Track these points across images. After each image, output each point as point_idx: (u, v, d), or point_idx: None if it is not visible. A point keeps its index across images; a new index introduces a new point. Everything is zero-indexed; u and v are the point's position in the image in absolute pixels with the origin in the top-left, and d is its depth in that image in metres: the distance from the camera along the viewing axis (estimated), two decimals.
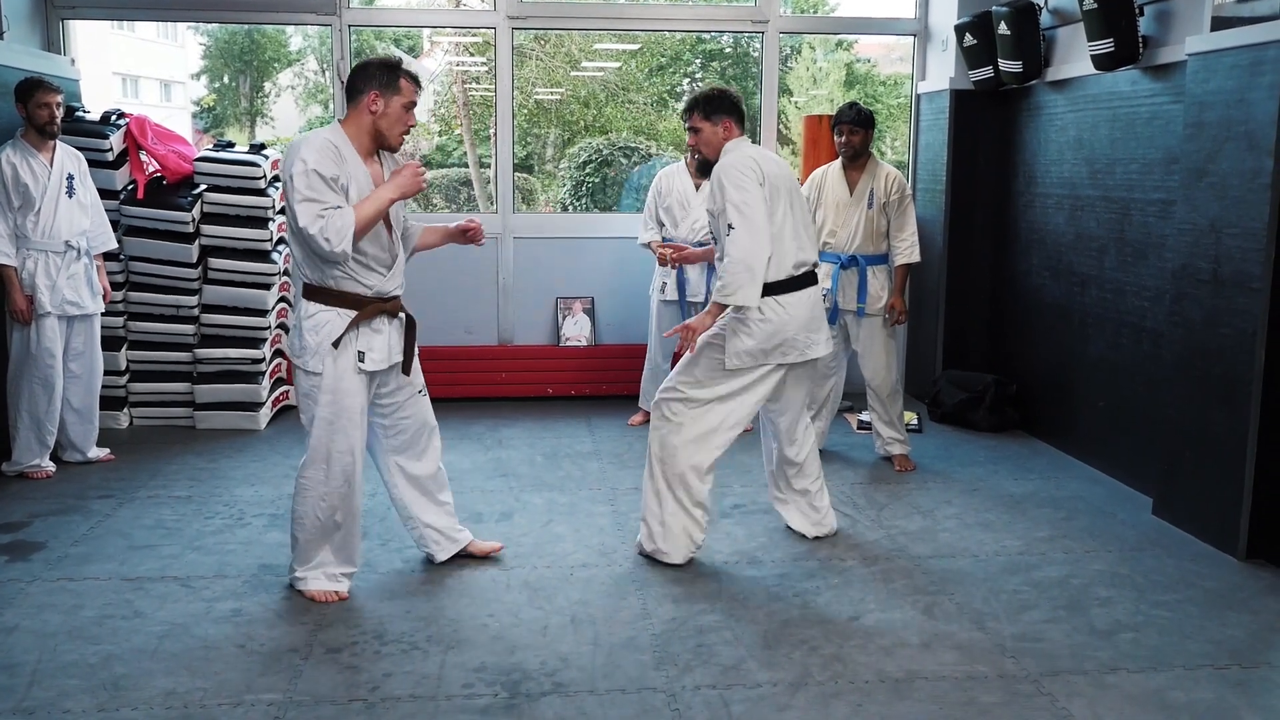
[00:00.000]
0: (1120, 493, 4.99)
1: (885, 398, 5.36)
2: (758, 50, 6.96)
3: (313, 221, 3.34)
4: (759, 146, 4.13)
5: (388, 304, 3.64)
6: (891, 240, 5.32)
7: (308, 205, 3.35)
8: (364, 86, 3.51)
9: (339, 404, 3.56)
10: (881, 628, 3.53)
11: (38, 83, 4.97)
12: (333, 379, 3.53)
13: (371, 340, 3.60)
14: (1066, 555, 4.20)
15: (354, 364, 3.55)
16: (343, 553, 3.72)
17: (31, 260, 4.96)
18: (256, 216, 6.07)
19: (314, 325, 3.53)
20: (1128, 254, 5.09)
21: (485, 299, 6.82)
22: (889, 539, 4.36)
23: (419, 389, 3.87)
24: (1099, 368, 5.34)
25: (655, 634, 3.46)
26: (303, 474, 3.63)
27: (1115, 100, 5.17)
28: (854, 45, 18.90)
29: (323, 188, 3.37)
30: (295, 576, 3.73)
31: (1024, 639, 3.46)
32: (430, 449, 3.95)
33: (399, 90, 3.52)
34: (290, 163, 3.39)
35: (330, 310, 3.54)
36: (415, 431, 3.89)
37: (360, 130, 3.53)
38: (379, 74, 3.50)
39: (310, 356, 3.54)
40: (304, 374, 3.58)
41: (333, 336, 3.51)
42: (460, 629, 3.49)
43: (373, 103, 3.50)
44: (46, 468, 5.07)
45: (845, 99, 17.53)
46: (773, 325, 3.94)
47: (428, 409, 3.93)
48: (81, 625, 3.48)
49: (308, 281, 3.56)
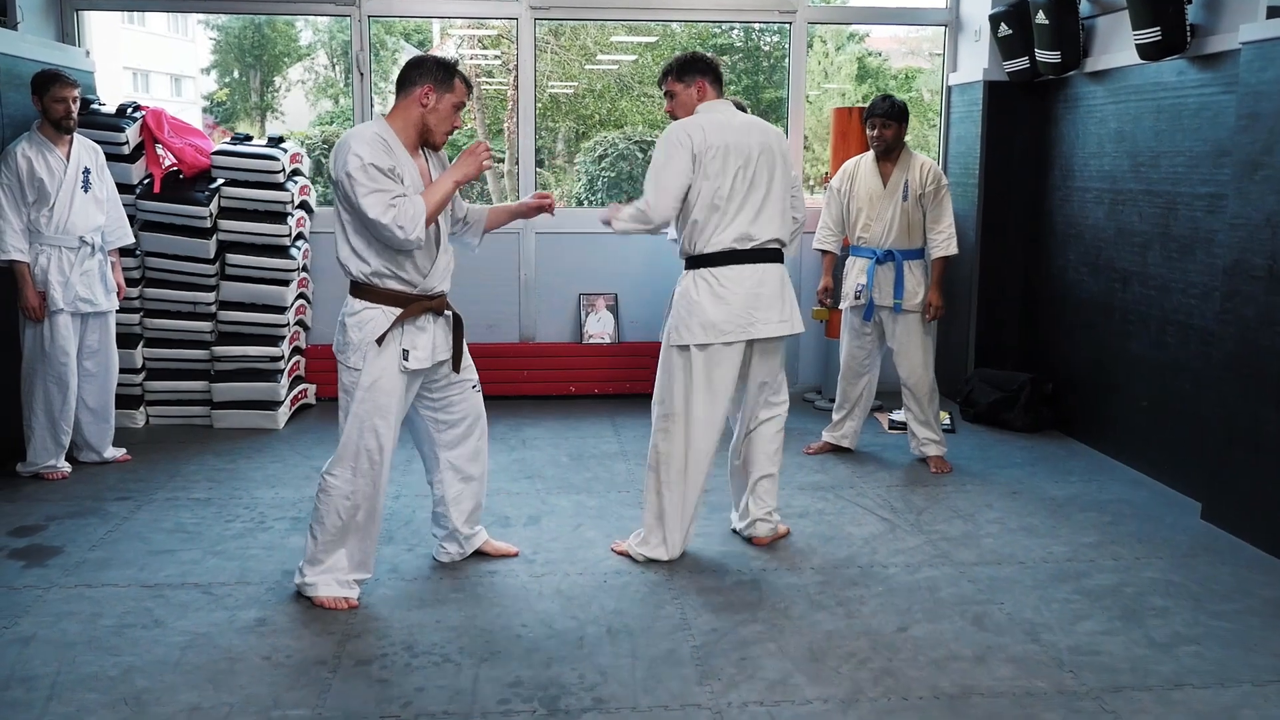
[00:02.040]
0: (1166, 496, 4.84)
1: (922, 397, 5.22)
2: (769, 45, 6.81)
3: (384, 211, 3.29)
4: (740, 113, 3.98)
5: (433, 301, 3.58)
6: (928, 233, 5.17)
7: (376, 196, 3.30)
8: (419, 79, 3.46)
9: (375, 402, 3.47)
10: (932, 639, 3.38)
11: (54, 76, 4.84)
12: (372, 376, 3.46)
13: (416, 339, 3.53)
14: (1116, 562, 4.05)
15: (397, 362, 3.47)
16: (358, 558, 3.60)
17: (45, 256, 4.84)
18: (275, 211, 5.94)
19: (358, 322, 3.47)
20: (1173, 250, 4.93)
21: (507, 295, 6.68)
22: (930, 544, 4.22)
23: (473, 384, 3.81)
24: (1141, 366, 5.18)
25: (696, 645, 3.33)
26: (330, 471, 3.52)
27: (1160, 91, 5.01)
28: (865, 39, 18.75)
29: (383, 179, 3.32)
30: (304, 581, 3.60)
31: (1081, 652, 3.31)
32: (482, 445, 3.90)
33: (453, 89, 3.49)
34: (343, 160, 3.33)
35: (375, 308, 3.47)
36: (468, 425, 3.83)
37: (408, 124, 3.49)
38: (435, 70, 3.47)
39: (352, 353, 3.47)
40: (345, 369, 3.51)
41: (376, 333, 3.44)
42: (493, 640, 3.35)
43: (425, 96, 3.45)
44: (62, 468, 4.95)
45: (858, 93, 17.40)
46: (706, 301, 3.84)
47: (480, 403, 3.87)
48: (101, 635, 3.35)
49: (354, 279, 3.49)
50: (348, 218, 3.42)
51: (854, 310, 5.29)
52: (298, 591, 3.64)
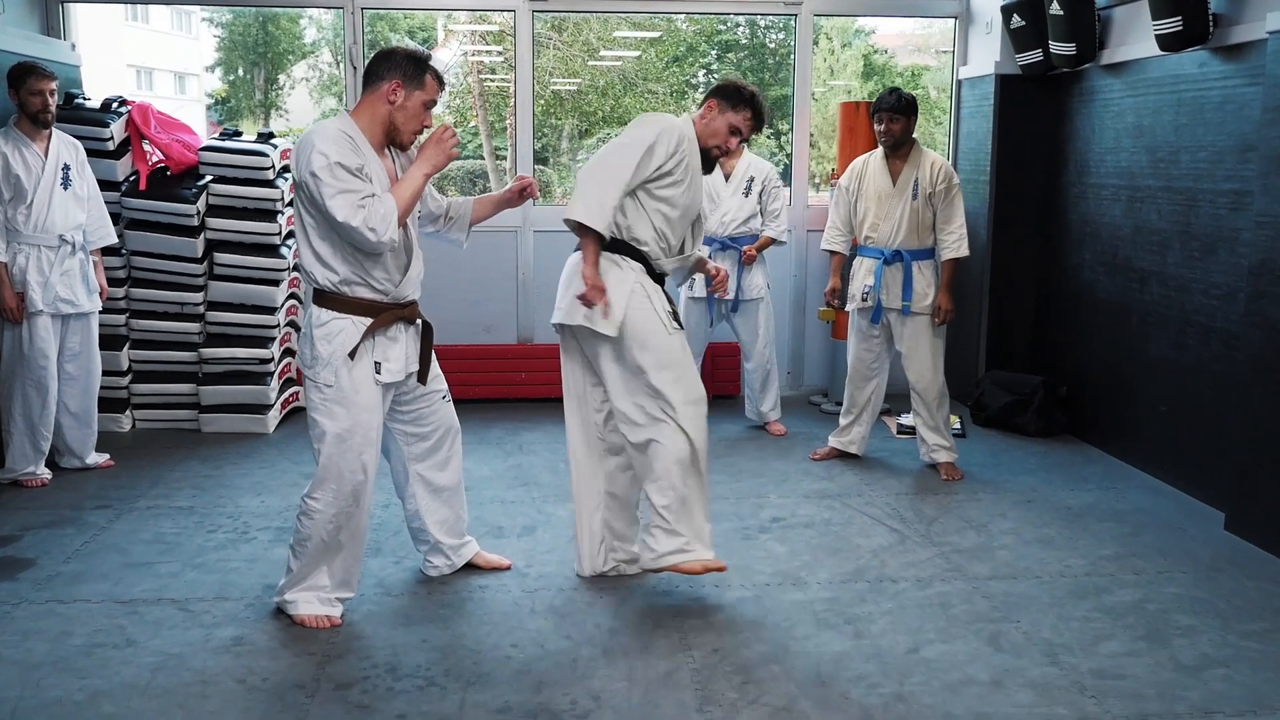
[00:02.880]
0: (1187, 505, 4.65)
1: (931, 402, 5.03)
2: (774, 42, 6.63)
3: (353, 213, 3.08)
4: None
5: (405, 310, 3.36)
6: (938, 233, 4.98)
7: (344, 198, 3.08)
8: (386, 74, 3.23)
9: (354, 419, 3.26)
10: (945, 661, 3.20)
11: (30, 68, 4.67)
12: (348, 391, 3.25)
13: (388, 350, 3.32)
14: (1137, 577, 3.86)
15: (370, 375, 3.26)
16: (340, 575, 3.42)
17: (23, 255, 4.67)
18: (265, 209, 5.77)
19: (326, 334, 3.24)
20: (1194, 248, 4.74)
21: (504, 295, 6.50)
22: (942, 557, 4.04)
23: (442, 394, 3.61)
24: (1160, 370, 4.99)
25: (696, 668, 3.14)
26: (311, 495, 3.32)
27: (1181, 83, 4.82)
28: (872, 35, 18.55)
29: (350, 178, 3.11)
30: (284, 599, 3.42)
31: (1104, 675, 3.12)
32: (453, 456, 3.70)
33: (422, 85, 3.25)
34: (307, 159, 3.11)
35: (344, 318, 3.25)
36: (439, 438, 3.63)
37: (374, 120, 3.25)
38: (405, 64, 3.23)
39: (322, 367, 3.25)
40: (315, 386, 3.28)
41: (347, 346, 3.23)
42: (481, 661, 3.17)
43: (392, 92, 3.22)
44: (41, 475, 4.79)
45: (863, 90, 17.21)
46: None
47: (451, 414, 3.67)
48: (69, 655, 3.17)
49: (318, 287, 3.27)
50: (311, 221, 3.20)
51: (861, 312, 5.10)
52: (278, 608, 3.46)
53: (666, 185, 3.53)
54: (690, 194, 3.60)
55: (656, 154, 3.50)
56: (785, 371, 6.57)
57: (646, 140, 3.49)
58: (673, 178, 3.53)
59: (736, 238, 5.67)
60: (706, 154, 3.65)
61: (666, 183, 3.53)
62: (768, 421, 5.85)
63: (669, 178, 3.53)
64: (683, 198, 3.57)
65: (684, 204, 3.59)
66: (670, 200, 3.55)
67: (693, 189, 3.60)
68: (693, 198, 3.62)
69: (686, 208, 3.61)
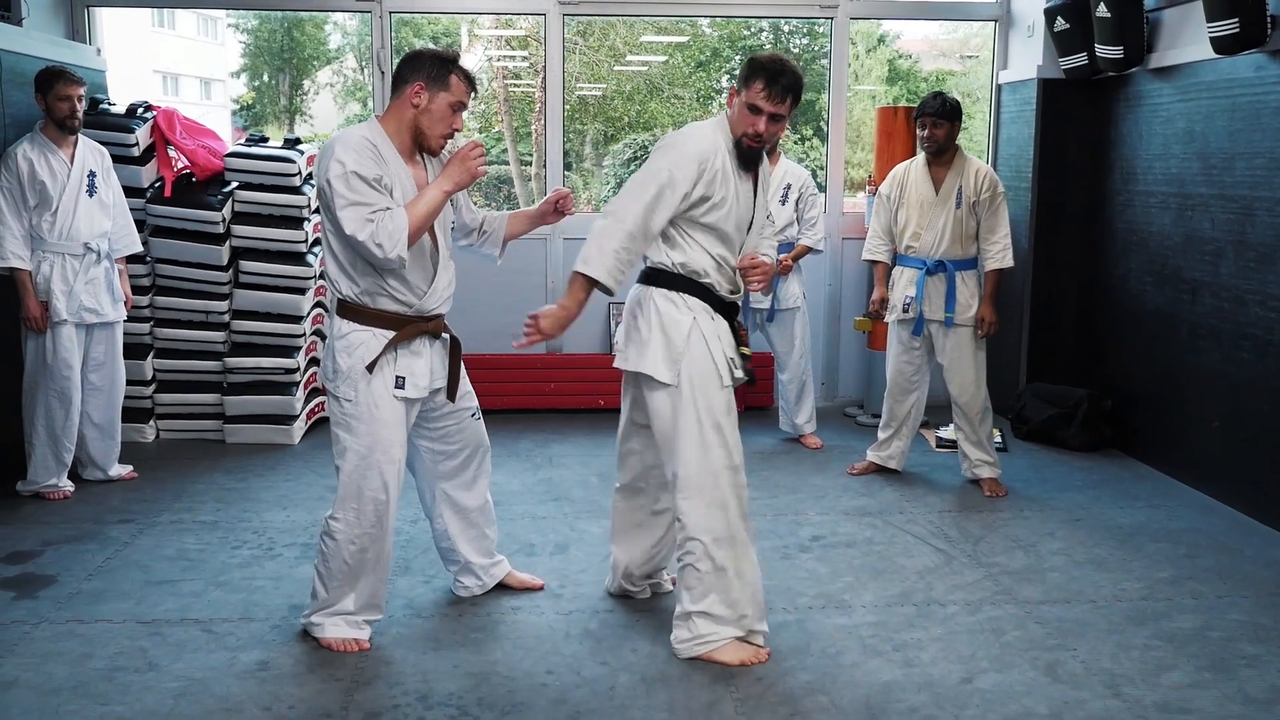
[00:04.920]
0: (1243, 525, 4.48)
1: (974, 416, 4.88)
2: (799, 47, 6.50)
3: (361, 227, 2.96)
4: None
5: (429, 324, 3.24)
6: (981, 243, 4.83)
7: (354, 210, 2.97)
8: (410, 76, 3.11)
9: (374, 435, 3.15)
10: (1001, 692, 3.05)
11: (59, 73, 4.58)
12: (367, 406, 3.14)
13: (412, 364, 3.20)
14: (1196, 601, 3.70)
15: (390, 390, 3.15)
16: (367, 597, 3.30)
17: (47, 264, 4.58)
18: (291, 216, 5.67)
19: (347, 346, 3.14)
20: (1250, 259, 4.57)
21: (533, 304, 6.28)
22: (991, 579, 3.88)
23: (471, 411, 3.48)
24: (1213, 383, 4.82)
25: (739, 698, 3.01)
26: (333, 515, 3.21)
27: (1236, 88, 4.65)
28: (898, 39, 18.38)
29: (366, 190, 2.99)
30: (310, 622, 3.31)
31: (1169, 709, 2.97)
32: (481, 475, 3.58)
33: (448, 86, 3.12)
34: (325, 166, 3.01)
35: (365, 330, 3.15)
36: (466, 456, 3.51)
37: (401, 126, 3.14)
38: (429, 65, 3.10)
39: (342, 381, 3.15)
40: (336, 401, 3.18)
41: (367, 359, 3.12)
42: (516, 689, 3.05)
43: (416, 95, 3.10)
44: (64, 488, 4.69)
45: (889, 96, 17.04)
46: None
47: (481, 432, 3.54)
48: (89, 680, 3.07)
49: (341, 298, 3.17)
50: (333, 229, 3.10)
51: (902, 324, 4.95)
52: (304, 631, 3.35)
53: (707, 211, 3.21)
54: (738, 208, 3.26)
55: (679, 187, 3.14)
56: (819, 382, 6.42)
57: (659, 178, 3.14)
58: (710, 202, 3.20)
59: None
60: (741, 149, 3.23)
61: (705, 209, 3.21)
62: (803, 434, 5.71)
63: (706, 203, 3.20)
64: (728, 219, 3.24)
65: (735, 219, 3.26)
66: (715, 225, 3.23)
67: (738, 203, 3.26)
68: (742, 210, 3.28)
69: (739, 221, 3.28)
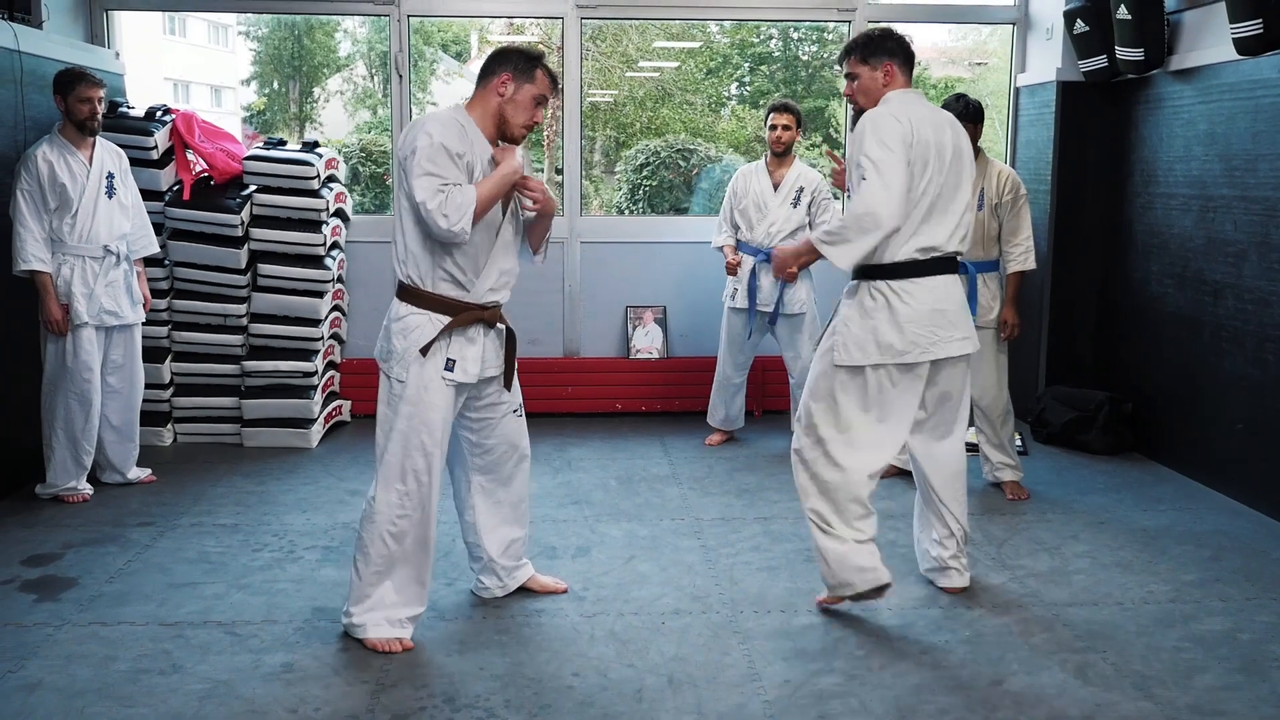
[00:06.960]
0: (1268, 527, 4.44)
1: (995, 419, 4.85)
2: (808, 54, 6.49)
3: (431, 196, 3.04)
4: (928, 104, 3.53)
5: (486, 312, 3.29)
6: (1004, 245, 4.80)
7: (428, 179, 3.06)
8: (498, 68, 3.24)
9: (420, 416, 3.19)
10: (1031, 695, 3.03)
11: (80, 75, 4.59)
12: (417, 389, 3.18)
13: (464, 350, 3.25)
14: (1225, 604, 3.67)
15: (441, 373, 3.19)
16: (407, 592, 3.29)
17: (68, 266, 4.58)
18: (309, 219, 5.67)
19: (403, 328, 3.21)
20: (1274, 260, 4.54)
21: (550, 307, 6.38)
22: (1017, 582, 3.85)
23: (514, 408, 3.50)
24: (1236, 386, 4.79)
25: (768, 700, 2.98)
26: (373, 496, 3.25)
27: (1259, 89, 4.62)
28: None
29: (447, 163, 3.09)
30: (351, 622, 3.30)
31: (1201, 711, 2.94)
32: (518, 475, 3.59)
33: (533, 79, 3.24)
34: (414, 137, 3.11)
35: (422, 314, 3.21)
36: (503, 454, 3.52)
37: (485, 113, 3.25)
38: (517, 59, 3.24)
39: (396, 362, 3.21)
40: (387, 381, 3.24)
41: (421, 341, 3.17)
42: (542, 691, 3.03)
43: (502, 85, 3.22)
44: (83, 491, 4.69)
45: None
46: (884, 315, 3.40)
47: (521, 432, 3.55)
48: (113, 682, 3.06)
49: (403, 281, 3.23)
50: (406, 206, 3.17)
51: None
52: (344, 632, 3.33)
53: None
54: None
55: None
56: None
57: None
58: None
59: None
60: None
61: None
62: None
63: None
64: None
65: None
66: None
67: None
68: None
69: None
